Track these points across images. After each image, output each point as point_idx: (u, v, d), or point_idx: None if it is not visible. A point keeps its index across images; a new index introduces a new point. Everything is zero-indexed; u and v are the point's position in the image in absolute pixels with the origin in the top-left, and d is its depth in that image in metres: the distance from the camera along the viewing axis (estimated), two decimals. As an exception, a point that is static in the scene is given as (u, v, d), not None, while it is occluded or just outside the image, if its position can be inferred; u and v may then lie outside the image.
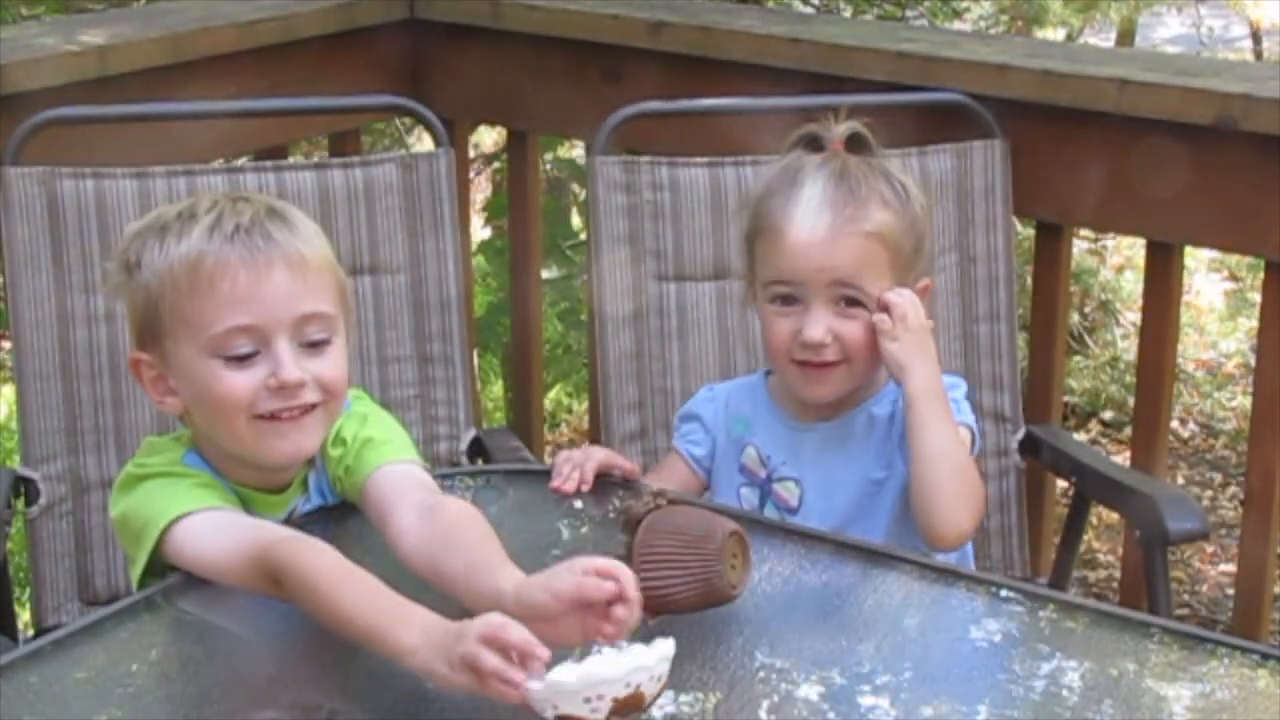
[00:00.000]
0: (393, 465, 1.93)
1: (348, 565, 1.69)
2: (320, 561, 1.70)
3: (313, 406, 1.86)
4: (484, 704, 1.57)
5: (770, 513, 2.18)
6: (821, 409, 2.19)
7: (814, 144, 2.18)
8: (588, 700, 1.49)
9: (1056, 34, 6.63)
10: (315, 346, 1.85)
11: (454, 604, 1.65)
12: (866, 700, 1.61)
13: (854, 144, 2.19)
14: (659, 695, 1.54)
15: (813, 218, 2.08)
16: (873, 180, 2.12)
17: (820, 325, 2.08)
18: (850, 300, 2.09)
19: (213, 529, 1.82)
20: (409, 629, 1.58)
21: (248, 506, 1.90)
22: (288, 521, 1.92)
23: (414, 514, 1.82)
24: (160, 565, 1.84)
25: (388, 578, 1.66)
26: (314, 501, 1.97)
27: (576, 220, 4.89)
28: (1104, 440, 5.43)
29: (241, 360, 1.82)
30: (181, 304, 1.83)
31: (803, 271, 2.08)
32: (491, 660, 1.49)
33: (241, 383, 1.82)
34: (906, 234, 2.12)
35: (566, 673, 1.49)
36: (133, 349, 1.92)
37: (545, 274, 4.07)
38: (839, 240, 2.08)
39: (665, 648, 1.53)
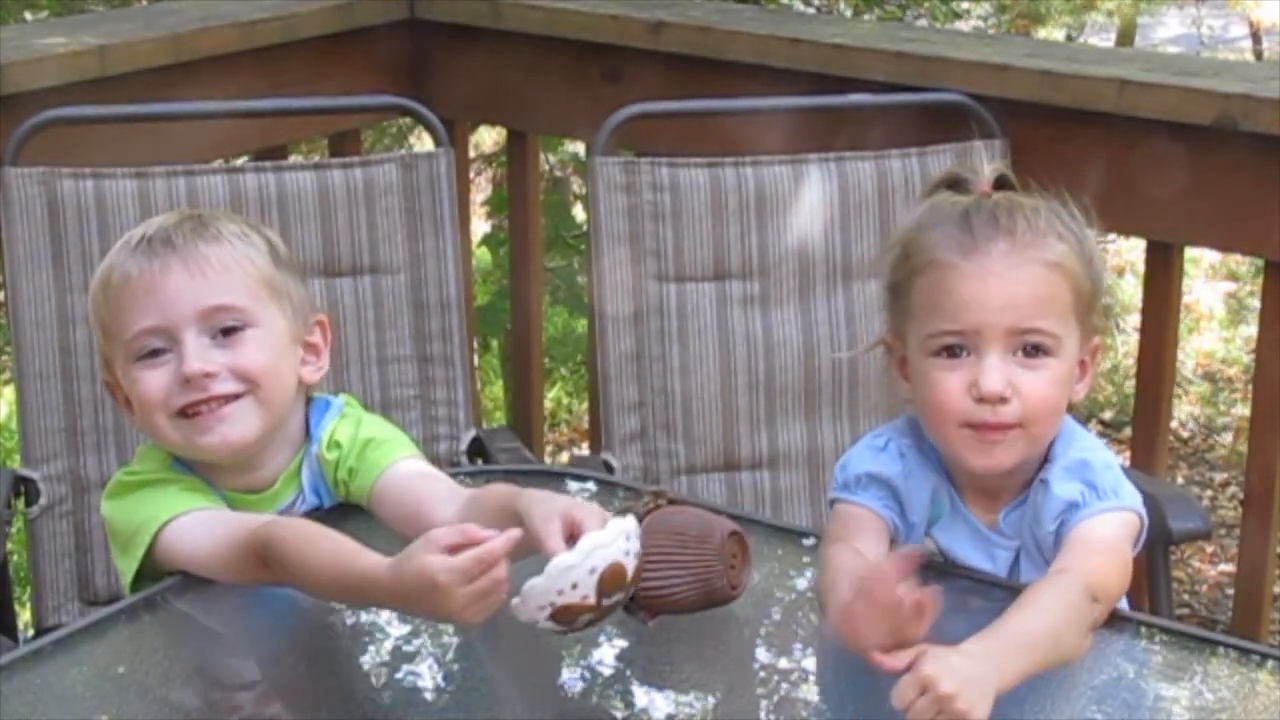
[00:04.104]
0: (402, 462, 1.93)
1: (322, 528, 1.73)
2: (294, 526, 1.76)
3: (236, 397, 1.87)
4: (477, 703, 1.58)
5: None
6: (996, 508, 1.86)
7: (956, 187, 1.88)
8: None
9: (1057, 34, 6.64)
10: (229, 337, 1.87)
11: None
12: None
13: (1000, 187, 1.88)
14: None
15: (986, 245, 1.76)
16: (1044, 210, 1.81)
17: (998, 374, 1.74)
18: (1031, 349, 1.76)
19: (202, 526, 1.83)
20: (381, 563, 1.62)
21: (234, 509, 1.90)
22: None
23: (453, 505, 1.83)
24: (154, 572, 1.84)
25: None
26: (310, 502, 1.97)
27: (579, 213, 4.90)
28: (1104, 440, 5.44)
29: (154, 360, 1.86)
30: (104, 321, 1.91)
31: (977, 311, 1.75)
32: (462, 560, 1.54)
33: (155, 381, 1.86)
34: (1085, 270, 1.80)
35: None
36: (103, 372, 1.98)
37: (548, 263, 4.08)
38: (1018, 271, 1.76)
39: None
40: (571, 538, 1.60)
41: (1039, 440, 1.80)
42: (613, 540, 1.56)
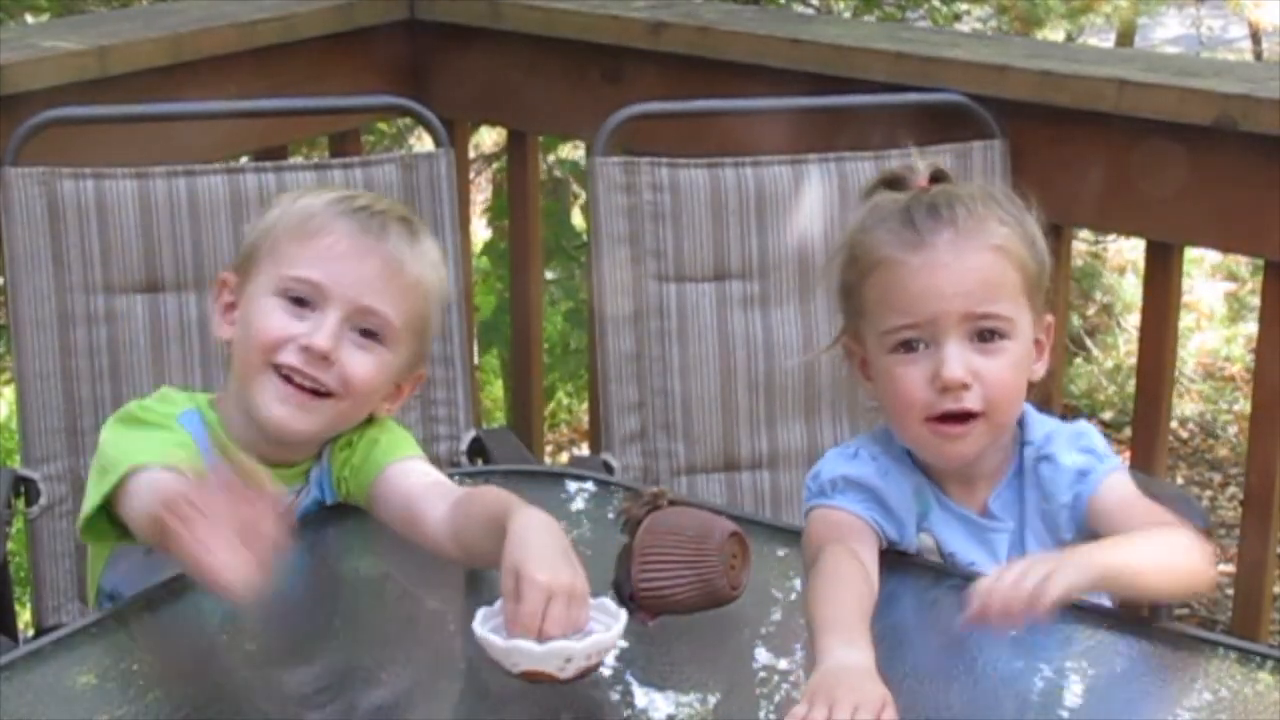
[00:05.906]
0: (402, 462, 1.94)
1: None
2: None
3: (326, 395, 1.87)
4: (477, 703, 1.58)
5: None
6: (983, 494, 1.87)
7: (894, 185, 1.89)
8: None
9: (1056, 35, 6.64)
10: (362, 340, 1.88)
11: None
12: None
13: (936, 181, 1.90)
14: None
15: (931, 237, 1.78)
16: (982, 198, 1.84)
17: (958, 362, 1.76)
18: (987, 334, 1.79)
19: (148, 488, 1.77)
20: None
21: None
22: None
23: (445, 503, 1.83)
24: (113, 513, 1.82)
25: (397, 574, 1.66)
26: (312, 495, 1.97)
27: (579, 220, 4.90)
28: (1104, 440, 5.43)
29: (296, 307, 1.87)
30: (280, 241, 1.90)
31: (930, 302, 1.77)
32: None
33: (278, 324, 1.87)
34: (1030, 251, 1.83)
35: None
36: (227, 268, 2.00)
37: (549, 274, 4.07)
38: (966, 258, 1.78)
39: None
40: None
41: (1002, 427, 1.83)
42: (544, 658, 1.55)
